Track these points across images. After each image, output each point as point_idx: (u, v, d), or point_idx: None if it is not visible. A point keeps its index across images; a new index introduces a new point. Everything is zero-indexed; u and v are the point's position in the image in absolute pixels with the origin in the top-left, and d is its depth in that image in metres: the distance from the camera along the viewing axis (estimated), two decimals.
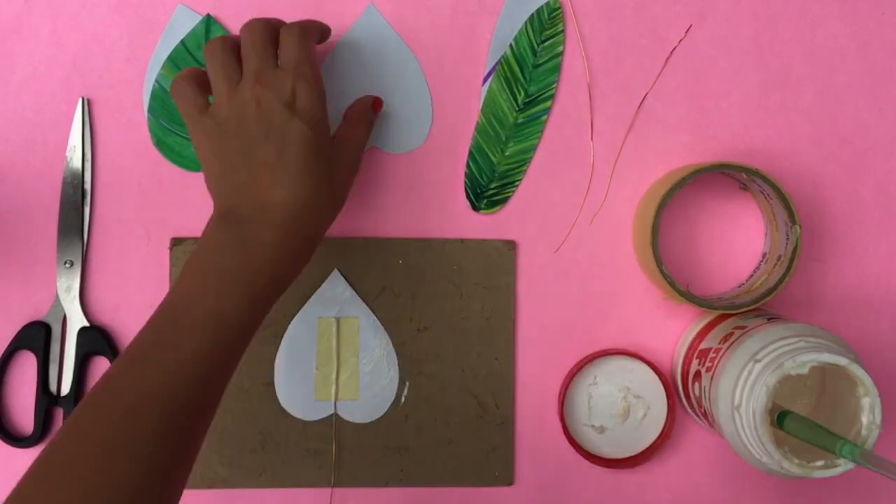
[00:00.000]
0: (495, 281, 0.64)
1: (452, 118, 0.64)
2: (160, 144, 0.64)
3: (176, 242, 0.63)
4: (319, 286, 0.63)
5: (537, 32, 0.64)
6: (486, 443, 0.64)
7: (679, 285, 0.60)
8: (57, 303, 0.63)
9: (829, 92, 0.65)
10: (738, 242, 0.65)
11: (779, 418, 0.52)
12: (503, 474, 0.64)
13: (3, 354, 0.63)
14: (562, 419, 0.64)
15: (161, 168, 0.64)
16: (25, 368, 0.63)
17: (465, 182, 0.64)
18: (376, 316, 0.63)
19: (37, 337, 0.62)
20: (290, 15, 0.63)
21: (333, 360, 0.63)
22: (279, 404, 0.63)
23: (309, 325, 0.63)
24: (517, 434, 0.64)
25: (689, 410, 0.64)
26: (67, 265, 0.63)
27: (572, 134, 0.65)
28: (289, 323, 0.63)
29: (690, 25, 0.65)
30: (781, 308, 0.64)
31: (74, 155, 0.63)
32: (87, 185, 0.63)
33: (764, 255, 0.64)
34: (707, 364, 0.58)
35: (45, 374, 0.63)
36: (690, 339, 0.63)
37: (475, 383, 0.64)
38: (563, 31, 0.64)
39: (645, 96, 0.65)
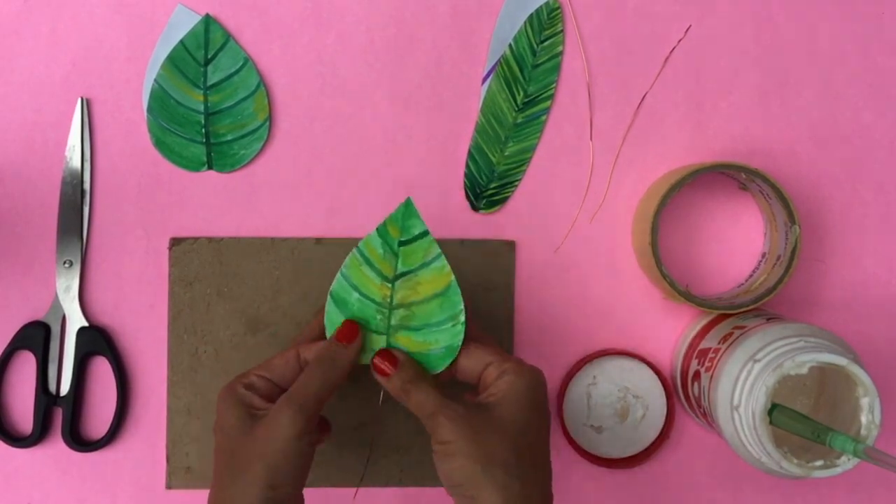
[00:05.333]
0: (495, 281, 0.64)
1: (452, 118, 0.64)
2: (159, 144, 0.64)
3: (175, 242, 0.63)
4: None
5: (537, 32, 0.64)
6: None
7: (679, 285, 0.60)
8: (56, 303, 0.63)
9: (829, 92, 0.65)
10: (737, 242, 0.65)
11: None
12: None
13: (3, 354, 0.63)
14: (561, 419, 0.64)
15: (160, 168, 0.64)
16: (25, 368, 0.63)
17: (465, 182, 0.64)
18: None
19: (36, 337, 0.62)
20: (287, 14, 0.64)
21: None
22: None
23: None
24: None
25: (689, 410, 0.63)
26: (67, 265, 0.63)
27: (572, 134, 0.65)
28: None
29: (690, 25, 0.65)
30: (781, 308, 0.64)
31: (74, 155, 0.63)
32: (87, 185, 0.63)
33: (763, 255, 0.64)
34: (706, 364, 0.58)
35: (44, 374, 0.63)
36: (690, 338, 0.62)
37: None
38: (562, 30, 0.64)
39: (644, 96, 0.65)
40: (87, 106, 0.63)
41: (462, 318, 0.55)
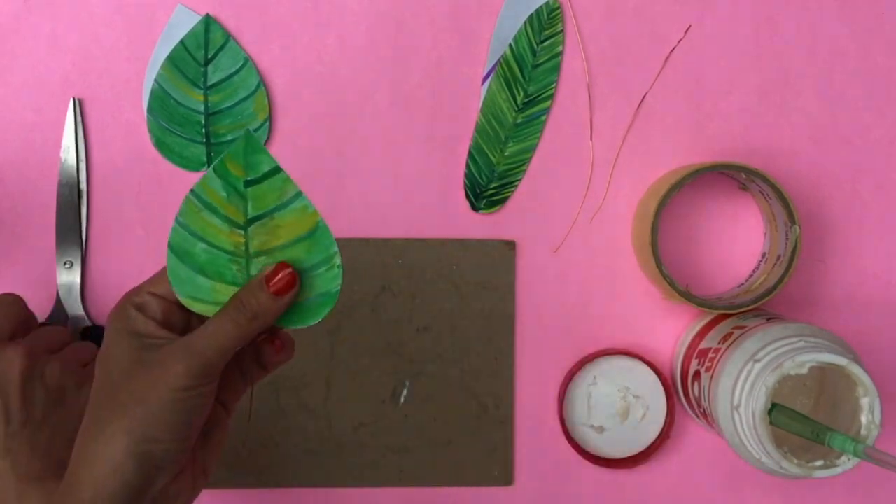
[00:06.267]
0: (495, 281, 0.64)
1: (452, 118, 0.64)
2: (159, 144, 0.64)
3: None
4: None
5: (537, 32, 0.64)
6: (485, 443, 0.64)
7: (679, 285, 0.60)
8: (58, 303, 0.63)
9: (829, 92, 0.65)
10: (737, 242, 0.65)
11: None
12: (502, 474, 0.64)
13: None
14: (561, 419, 0.64)
15: (160, 168, 0.64)
16: None
17: (465, 182, 0.64)
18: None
19: None
20: (287, 14, 0.63)
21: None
22: (278, 403, 0.63)
23: None
24: (517, 434, 0.64)
25: (689, 410, 0.64)
26: (67, 265, 0.63)
27: (572, 134, 0.65)
28: None
29: (690, 25, 0.65)
30: (781, 308, 0.64)
31: (68, 155, 0.63)
32: (83, 186, 0.63)
33: (763, 255, 0.64)
34: (706, 364, 0.58)
35: None
36: (690, 338, 0.63)
37: (475, 383, 0.64)
38: (562, 30, 0.64)
39: (644, 96, 0.65)
40: (81, 106, 0.63)
41: (338, 260, 0.47)
